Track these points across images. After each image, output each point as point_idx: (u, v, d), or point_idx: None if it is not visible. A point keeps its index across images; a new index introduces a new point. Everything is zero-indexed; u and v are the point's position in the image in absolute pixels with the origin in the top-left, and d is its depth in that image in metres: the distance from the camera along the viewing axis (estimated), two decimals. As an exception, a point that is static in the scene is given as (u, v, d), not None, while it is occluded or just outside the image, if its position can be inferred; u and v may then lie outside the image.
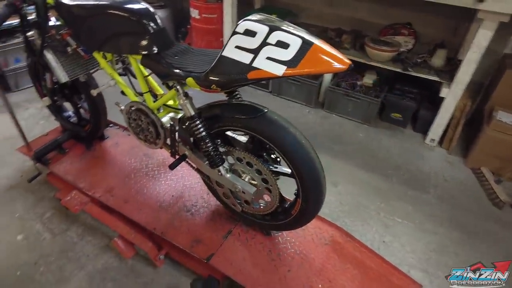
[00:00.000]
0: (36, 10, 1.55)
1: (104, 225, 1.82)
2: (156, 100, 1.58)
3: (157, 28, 1.34)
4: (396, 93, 2.94)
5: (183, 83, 1.27)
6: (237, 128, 1.30)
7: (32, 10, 1.58)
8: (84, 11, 1.42)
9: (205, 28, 3.50)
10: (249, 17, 1.05)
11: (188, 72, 1.22)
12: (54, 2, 1.50)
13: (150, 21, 1.32)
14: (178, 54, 1.36)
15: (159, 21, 1.35)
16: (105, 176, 1.96)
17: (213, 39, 3.54)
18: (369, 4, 3.10)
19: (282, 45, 0.97)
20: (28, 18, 1.61)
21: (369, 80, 2.96)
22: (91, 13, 1.41)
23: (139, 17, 1.32)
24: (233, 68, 1.06)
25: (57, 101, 2.04)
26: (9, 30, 2.58)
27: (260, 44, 1.00)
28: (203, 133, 1.33)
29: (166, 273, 1.69)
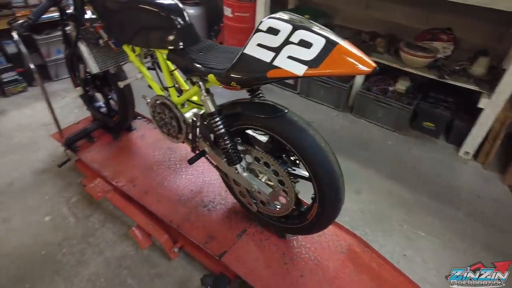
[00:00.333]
0: (74, 3, 1.65)
1: (124, 214, 1.88)
2: (181, 95, 1.60)
3: (185, 24, 1.35)
4: (430, 101, 2.80)
5: (205, 79, 1.28)
6: (257, 127, 1.29)
7: (70, 3, 1.67)
8: (117, 5, 1.48)
9: (237, 27, 3.50)
10: (273, 15, 1.03)
11: (210, 68, 1.22)
12: (90, -4, 1.57)
13: (178, 17, 1.34)
14: (203, 51, 1.36)
15: (187, 17, 1.37)
16: (128, 167, 2.01)
17: (244, 38, 3.46)
18: (407, 7, 2.97)
19: (304, 44, 0.95)
20: (66, 11, 1.71)
21: (402, 86, 2.84)
22: (123, 7, 1.46)
23: (168, 13, 1.34)
24: (254, 66, 1.05)
25: (89, 91, 2.14)
26: (52, 22, 2.73)
27: (282, 42, 0.98)
28: (222, 130, 1.33)
29: (179, 266, 1.71)
